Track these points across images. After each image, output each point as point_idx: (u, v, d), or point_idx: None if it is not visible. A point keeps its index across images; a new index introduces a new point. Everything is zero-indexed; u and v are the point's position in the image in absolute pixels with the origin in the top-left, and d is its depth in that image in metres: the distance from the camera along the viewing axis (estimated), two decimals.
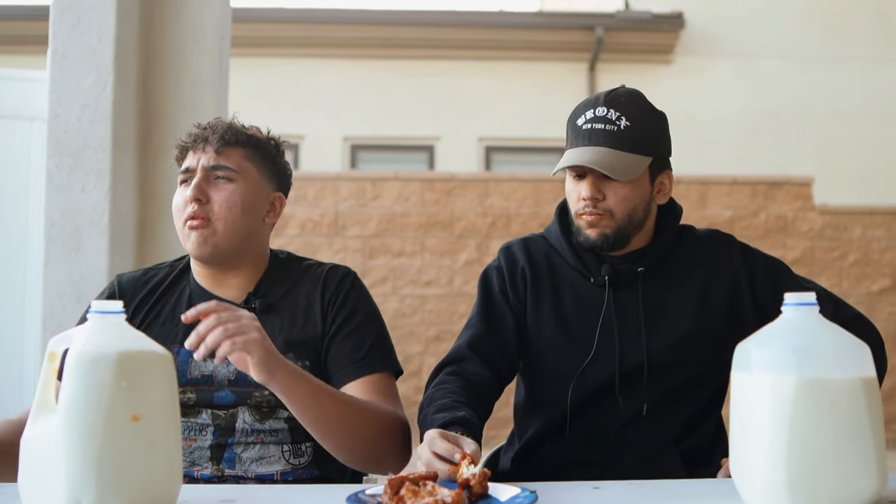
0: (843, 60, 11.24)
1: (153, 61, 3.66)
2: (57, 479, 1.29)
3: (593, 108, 2.04)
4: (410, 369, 7.83)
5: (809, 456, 1.32)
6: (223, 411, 1.91)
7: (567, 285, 2.13)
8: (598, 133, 2.01)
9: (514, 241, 2.25)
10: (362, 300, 2.03)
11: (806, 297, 1.41)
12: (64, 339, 1.37)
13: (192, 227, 1.93)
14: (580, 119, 2.06)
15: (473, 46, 11.38)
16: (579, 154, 2.02)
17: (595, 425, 2.07)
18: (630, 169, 2.00)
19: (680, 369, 2.05)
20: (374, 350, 1.97)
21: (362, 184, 8.07)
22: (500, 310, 2.15)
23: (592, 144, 2.01)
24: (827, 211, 8.14)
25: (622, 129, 2.01)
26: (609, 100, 2.04)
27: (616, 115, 2.02)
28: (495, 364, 2.08)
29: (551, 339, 2.10)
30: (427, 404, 1.92)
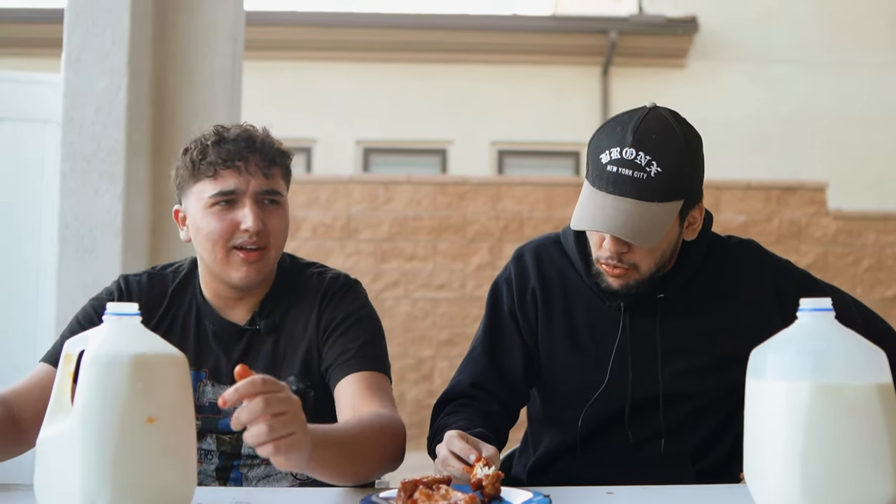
0: (856, 65, 11.20)
1: (167, 65, 3.67)
2: (72, 481, 1.29)
3: (619, 147, 1.79)
4: (422, 373, 7.83)
5: (824, 462, 1.31)
6: (228, 436, 1.89)
7: (580, 305, 2.00)
8: (624, 180, 1.77)
9: (527, 249, 2.09)
10: (356, 303, 1.94)
11: (821, 303, 1.40)
12: (80, 340, 1.37)
13: (248, 259, 1.82)
14: (604, 155, 1.81)
15: (486, 50, 11.39)
16: (602, 210, 1.79)
17: (608, 450, 1.99)
18: (659, 226, 1.80)
19: (697, 398, 1.96)
20: (367, 348, 1.87)
21: (374, 187, 8.07)
22: (507, 335, 2.03)
23: (617, 193, 1.78)
24: (840, 216, 8.12)
25: (652, 176, 1.77)
26: (638, 139, 1.78)
27: (646, 159, 1.77)
28: (502, 400, 1.99)
29: (563, 363, 1.99)
30: (440, 430, 1.82)
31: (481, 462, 1.46)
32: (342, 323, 1.90)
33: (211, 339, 1.92)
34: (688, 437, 1.98)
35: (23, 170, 4.49)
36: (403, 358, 7.72)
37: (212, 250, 1.83)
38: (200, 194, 1.84)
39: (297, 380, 1.88)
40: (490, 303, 2.08)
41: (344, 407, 1.81)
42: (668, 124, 1.84)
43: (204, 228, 1.83)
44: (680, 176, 1.81)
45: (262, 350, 1.91)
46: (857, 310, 2.03)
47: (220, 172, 1.82)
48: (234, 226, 1.82)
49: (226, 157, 1.82)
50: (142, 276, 2.00)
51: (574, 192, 7.99)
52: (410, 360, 7.78)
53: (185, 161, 1.87)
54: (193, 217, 1.87)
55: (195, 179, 1.85)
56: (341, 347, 1.87)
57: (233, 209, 1.83)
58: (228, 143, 1.84)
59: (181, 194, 1.91)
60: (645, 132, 1.80)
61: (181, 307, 1.96)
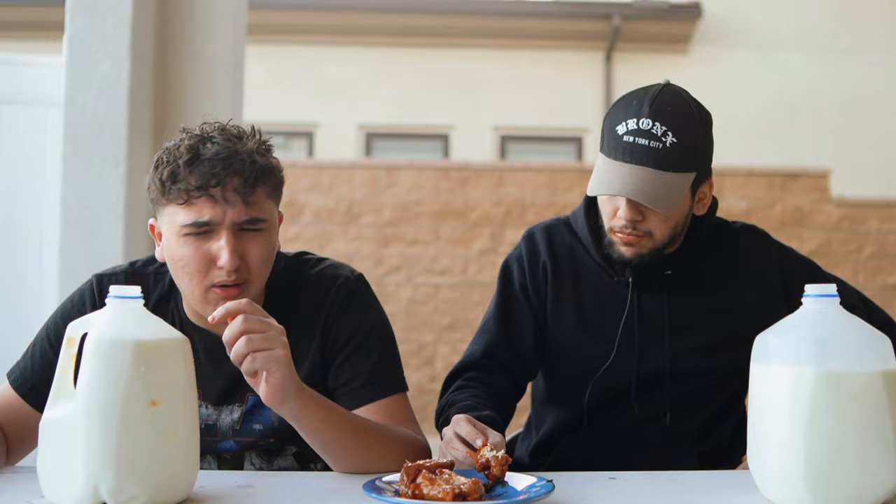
0: (861, 51, 11.17)
1: (169, 48, 3.66)
2: (75, 463, 1.29)
3: (636, 118, 1.84)
4: (424, 358, 7.83)
5: (828, 449, 1.31)
6: (228, 454, 1.79)
7: (589, 281, 2.03)
8: (641, 150, 1.82)
9: (537, 229, 2.12)
10: (365, 312, 1.80)
11: (827, 289, 1.40)
12: (82, 324, 1.37)
13: (228, 296, 1.61)
14: (620, 126, 1.86)
15: (489, 35, 11.36)
16: (619, 177, 1.83)
17: (612, 427, 2.03)
18: (673, 194, 1.85)
19: (702, 376, 2.00)
20: (379, 369, 1.76)
21: (377, 172, 8.06)
22: (519, 309, 2.05)
23: (634, 162, 1.83)
24: (844, 203, 8.10)
25: (668, 146, 1.82)
26: (654, 111, 1.84)
27: (662, 129, 1.82)
28: (512, 372, 2.01)
29: (571, 338, 2.02)
30: (448, 406, 1.85)
31: (488, 447, 1.46)
32: (350, 341, 1.76)
33: (202, 357, 1.75)
34: (692, 417, 2.01)
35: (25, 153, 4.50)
36: (405, 343, 7.72)
37: (188, 284, 1.64)
38: (173, 218, 1.63)
39: None
40: (501, 280, 2.10)
41: None
42: (683, 100, 1.90)
43: (178, 257, 1.63)
44: (693, 148, 1.87)
45: None
46: (860, 299, 2.06)
47: (192, 200, 1.59)
48: (210, 260, 1.61)
49: (199, 184, 1.58)
50: (119, 275, 1.81)
51: (577, 178, 7.98)
52: (412, 345, 7.79)
53: (155, 179, 1.63)
54: (166, 239, 1.66)
55: (167, 201, 1.63)
56: (351, 371, 1.75)
57: (208, 240, 1.61)
58: (203, 165, 1.59)
59: (155, 209, 1.69)
60: (661, 105, 1.86)
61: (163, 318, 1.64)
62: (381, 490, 1.36)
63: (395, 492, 1.36)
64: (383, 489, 1.37)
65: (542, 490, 1.36)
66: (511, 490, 1.40)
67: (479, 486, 1.33)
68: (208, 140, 1.63)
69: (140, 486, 1.30)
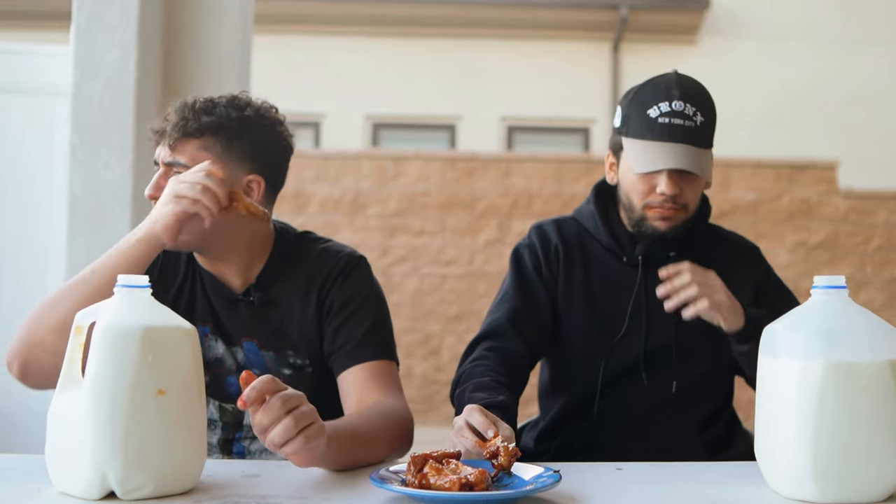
0: (869, 43, 11.13)
1: (176, 37, 3.66)
2: (83, 452, 1.29)
3: (668, 101, 1.99)
4: (430, 348, 7.84)
5: (837, 441, 1.31)
6: (230, 405, 1.89)
7: (598, 265, 2.14)
8: (678, 129, 1.98)
9: (546, 221, 2.23)
10: (361, 285, 1.90)
11: (835, 280, 1.39)
12: (90, 313, 1.37)
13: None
14: (653, 110, 2.00)
15: (496, 25, 11.34)
16: (667, 155, 1.97)
17: (621, 408, 2.08)
18: (708, 166, 2.03)
19: (706, 356, 2.08)
20: (372, 335, 1.85)
21: (383, 162, 8.06)
22: (534, 285, 2.13)
23: (673, 141, 1.98)
24: (851, 195, 8.07)
25: (698, 125, 1.99)
26: (683, 94, 2.00)
27: (693, 110, 1.99)
28: (532, 339, 2.08)
29: (581, 317, 2.11)
30: (465, 380, 1.91)
31: (499, 438, 1.47)
32: (345, 307, 1.86)
33: (214, 300, 1.92)
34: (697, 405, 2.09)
35: (33, 142, 4.51)
36: (411, 333, 7.73)
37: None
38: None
39: (294, 354, 1.88)
40: (514, 265, 2.18)
41: (348, 398, 1.80)
42: (698, 82, 2.07)
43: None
44: (714, 126, 2.06)
45: (258, 320, 1.89)
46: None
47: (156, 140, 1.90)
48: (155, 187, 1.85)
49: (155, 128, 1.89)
50: None
51: (584, 169, 7.96)
52: (418, 336, 7.79)
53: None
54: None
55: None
56: (346, 335, 1.84)
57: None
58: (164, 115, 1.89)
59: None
60: (687, 88, 2.03)
61: (189, 273, 1.95)
62: (388, 480, 1.36)
63: (402, 481, 1.36)
64: (390, 479, 1.37)
65: (549, 481, 1.36)
66: (518, 480, 1.40)
67: (486, 476, 1.33)
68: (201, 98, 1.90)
69: (147, 475, 1.30)
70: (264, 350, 1.88)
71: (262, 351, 1.88)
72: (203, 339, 1.87)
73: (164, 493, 1.33)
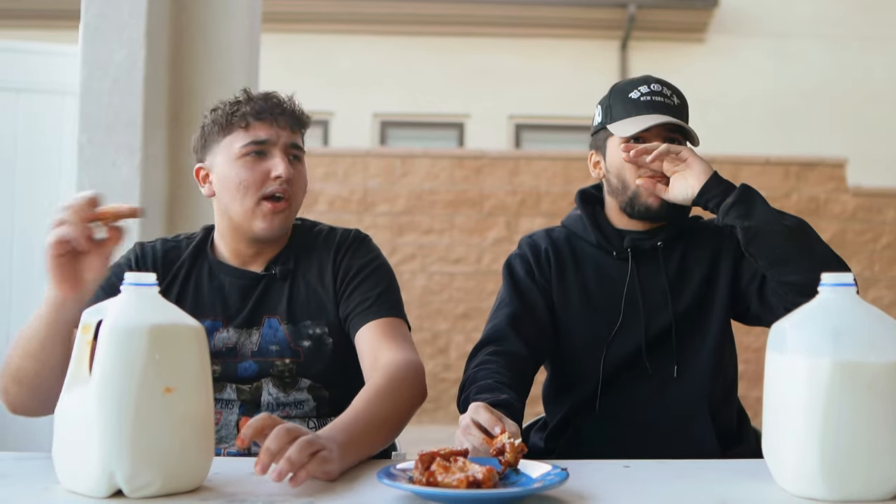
0: (877, 40, 11.09)
1: (184, 36, 3.66)
2: (90, 451, 1.29)
3: (647, 84, 2.13)
4: (438, 346, 7.84)
5: (843, 439, 1.31)
6: (247, 385, 1.93)
7: (589, 262, 2.19)
8: (660, 104, 2.10)
9: (536, 232, 2.30)
10: (371, 254, 2.03)
11: (843, 278, 1.39)
12: (97, 310, 1.38)
13: (276, 209, 1.92)
14: (633, 93, 2.13)
15: (505, 23, 11.33)
16: (648, 120, 2.08)
17: (625, 397, 2.10)
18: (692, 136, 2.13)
19: (705, 335, 2.12)
20: (385, 296, 1.96)
21: (391, 161, 8.06)
22: (529, 290, 2.17)
23: (656, 112, 2.09)
24: (860, 193, 8.05)
25: (676, 105, 2.12)
26: (657, 80, 2.15)
27: (669, 91, 2.13)
28: (533, 341, 2.10)
29: (578, 314, 2.14)
30: (469, 384, 1.93)
31: (506, 434, 1.47)
32: (359, 273, 1.98)
33: (228, 291, 1.99)
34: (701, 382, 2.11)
35: (41, 141, 4.51)
36: (419, 331, 7.73)
37: (241, 199, 1.92)
38: (231, 146, 1.93)
39: (312, 324, 1.95)
40: (506, 274, 2.23)
41: (365, 353, 1.88)
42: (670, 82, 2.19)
43: (234, 178, 1.92)
44: (688, 112, 2.17)
45: (279, 294, 1.98)
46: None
47: (252, 123, 1.92)
48: (265, 175, 1.91)
49: (259, 110, 1.93)
50: (156, 243, 2.07)
51: None
52: (426, 334, 7.79)
53: (215, 116, 1.96)
54: (221, 169, 1.95)
55: (225, 133, 1.94)
56: (360, 297, 1.94)
57: (263, 160, 1.93)
58: (259, 100, 1.94)
59: (206, 152, 1.99)
60: (657, 77, 2.17)
61: (194, 268, 2.02)
62: (396, 477, 1.36)
63: (410, 479, 1.36)
64: (397, 476, 1.37)
65: (557, 478, 1.36)
66: (525, 478, 1.40)
67: (494, 473, 1.33)
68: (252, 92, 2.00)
69: (155, 473, 1.31)
70: (284, 324, 1.95)
71: (282, 325, 1.95)
72: (213, 333, 1.93)
73: (171, 491, 1.34)
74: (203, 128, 1.99)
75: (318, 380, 1.94)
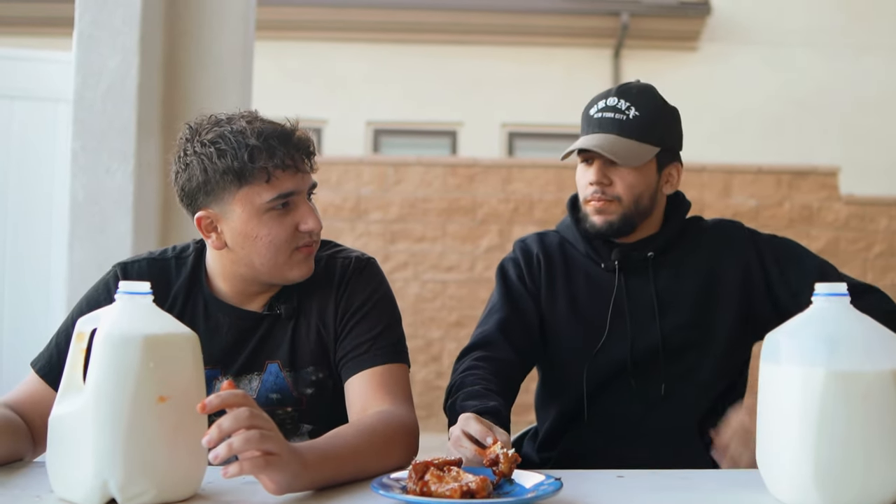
0: (870, 49, 11.13)
1: (178, 44, 3.66)
2: (84, 459, 1.29)
3: (605, 99, 2.12)
4: (431, 354, 7.83)
5: (838, 448, 1.31)
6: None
7: (579, 272, 2.18)
8: (608, 121, 2.09)
9: (529, 236, 2.30)
10: (370, 287, 1.87)
11: (837, 288, 1.39)
12: (92, 319, 1.37)
13: (309, 254, 1.80)
14: (592, 109, 2.14)
15: (498, 32, 11.34)
16: (586, 140, 2.09)
17: (613, 410, 2.09)
18: (634, 155, 2.07)
19: (693, 352, 2.09)
20: (382, 339, 1.81)
21: (384, 168, 8.06)
22: (520, 296, 2.18)
23: (601, 131, 2.08)
24: (853, 201, 8.07)
25: (630, 118, 2.08)
26: (621, 91, 2.12)
27: (626, 104, 2.09)
28: (522, 347, 2.10)
29: (565, 322, 2.14)
30: (456, 389, 1.92)
31: (498, 444, 1.46)
32: (357, 312, 1.83)
33: (225, 332, 1.84)
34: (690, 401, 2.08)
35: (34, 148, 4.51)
36: (412, 339, 7.71)
37: (273, 255, 1.75)
38: (250, 199, 1.72)
39: (315, 370, 1.83)
40: (499, 278, 2.23)
41: (353, 405, 1.76)
42: (650, 87, 2.16)
43: (263, 235, 1.74)
44: (656, 122, 2.11)
45: (282, 337, 1.84)
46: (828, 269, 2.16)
47: (274, 176, 1.71)
48: (294, 228, 1.76)
49: (282, 162, 1.71)
50: (141, 262, 1.89)
51: None
52: (419, 342, 7.79)
53: (228, 163, 1.70)
54: (242, 224, 1.74)
55: (241, 183, 1.71)
56: (355, 340, 1.80)
57: (290, 212, 1.76)
58: (276, 142, 1.71)
59: (211, 199, 1.75)
60: (626, 87, 2.14)
61: (188, 302, 1.86)
62: (390, 487, 1.36)
63: (403, 489, 1.36)
64: (391, 486, 1.37)
65: (550, 488, 1.36)
66: (519, 488, 1.40)
67: (488, 483, 1.33)
68: (254, 122, 1.75)
69: (149, 482, 1.30)
70: (286, 371, 1.83)
71: (284, 371, 1.83)
72: (212, 382, 1.78)
73: (165, 500, 1.33)
74: (205, 170, 1.72)
75: (320, 423, 1.80)
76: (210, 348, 1.77)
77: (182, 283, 1.86)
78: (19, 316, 4.39)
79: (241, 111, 1.80)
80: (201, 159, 1.72)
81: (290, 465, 1.33)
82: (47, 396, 1.68)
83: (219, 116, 1.78)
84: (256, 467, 1.29)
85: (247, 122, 1.74)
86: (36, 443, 1.68)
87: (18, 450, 1.63)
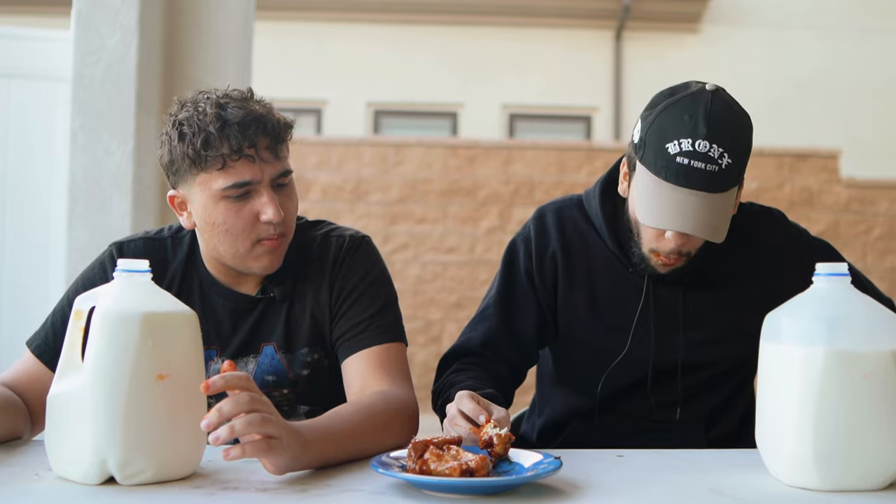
0: (871, 32, 11.09)
1: (177, 23, 3.65)
2: (83, 437, 1.29)
3: (692, 140, 1.73)
4: (431, 335, 7.84)
5: (838, 429, 1.31)
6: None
7: (603, 270, 1.97)
8: (697, 174, 1.72)
9: (549, 209, 2.05)
10: (365, 266, 1.84)
11: (838, 268, 1.39)
12: (90, 297, 1.37)
13: (272, 247, 1.72)
14: (671, 146, 1.74)
15: (499, 13, 11.31)
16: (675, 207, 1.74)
17: (623, 414, 2.00)
18: (726, 215, 1.80)
19: (714, 366, 1.97)
20: (378, 318, 1.79)
21: (385, 150, 8.05)
22: (522, 296, 2.00)
23: (689, 186, 1.73)
24: (853, 184, 8.06)
25: (723, 168, 1.74)
26: (711, 131, 1.74)
27: (719, 151, 1.73)
28: (511, 361, 1.98)
29: (584, 326, 1.97)
30: (447, 387, 1.83)
31: (491, 423, 1.45)
32: (352, 292, 1.81)
33: (220, 314, 1.82)
34: (702, 403, 1.99)
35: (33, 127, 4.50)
36: (412, 320, 7.72)
37: (231, 243, 1.71)
38: (207, 185, 1.68)
39: (310, 351, 1.82)
40: (506, 261, 2.04)
41: (351, 385, 1.74)
42: (733, 110, 1.81)
43: (220, 224, 1.69)
44: (744, 165, 1.81)
45: (276, 319, 1.82)
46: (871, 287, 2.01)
47: (229, 164, 1.65)
48: (253, 218, 1.69)
49: (236, 147, 1.64)
50: (137, 242, 1.87)
51: (585, 157, 7.94)
52: (419, 323, 7.79)
53: (184, 148, 1.66)
54: (202, 209, 1.71)
55: (198, 169, 1.67)
56: (352, 320, 1.78)
57: (248, 201, 1.68)
58: (234, 129, 1.64)
59: (177, 179, 1.73)
60: (716, 123, 1.75)
61: (185, 282, 1.84)
62: (389, 466, 1.36)
63: (402, 467, 1.36)
64: (390, 465, 1.37)
65: (550, 467, 1.36)
66: (518, 467, 1.40)
67: (487, 462, 1.32)
68: (226, 106, 1.67)
69: (147, 460, 1.30)
70: (281, 352, 1.82)
71: (279, 353, 1.82)
72: (208, 363, 1.78)
73: (163, 478, 1.33)
74: (171, 151, 1.69)
75: (318, 404, 1.81)
76: (207, 330, 1.77)
77: (179, 262, 1.85)
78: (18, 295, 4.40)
79: (231, 89, 1.74)
80: (170, 139, 1.70)
81: (290, 447, 1.33)
82: (43, 375, 1.70)
83: (197, 96, 1.72)
84: (258, 450, 1.30)
85: (217, 105, 1.67)
86: (33, 421, 1.68)
87: (17, 428, 1.63)
